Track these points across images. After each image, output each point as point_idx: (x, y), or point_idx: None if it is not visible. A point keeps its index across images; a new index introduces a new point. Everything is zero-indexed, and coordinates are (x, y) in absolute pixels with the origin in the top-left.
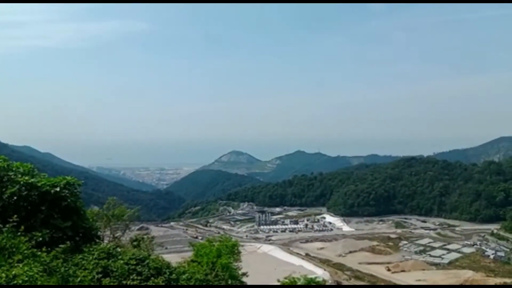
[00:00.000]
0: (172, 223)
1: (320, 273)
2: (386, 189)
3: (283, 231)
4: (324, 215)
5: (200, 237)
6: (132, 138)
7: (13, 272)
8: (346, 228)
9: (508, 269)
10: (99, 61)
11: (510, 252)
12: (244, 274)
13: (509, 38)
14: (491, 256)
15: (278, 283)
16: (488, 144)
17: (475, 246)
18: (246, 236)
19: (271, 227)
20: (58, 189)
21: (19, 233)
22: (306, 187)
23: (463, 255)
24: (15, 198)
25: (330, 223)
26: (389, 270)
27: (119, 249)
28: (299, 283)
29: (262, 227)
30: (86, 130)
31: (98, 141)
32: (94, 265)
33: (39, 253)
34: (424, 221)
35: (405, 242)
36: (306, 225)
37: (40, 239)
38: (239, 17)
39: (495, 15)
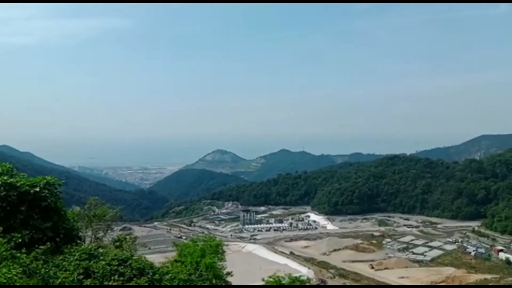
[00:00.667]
0: (155, 223)
1: (304, 272)
2: (370, 188)
3: (268, 230)
4: (309, 214)
5: (184, 237)
6: (114, 137)
7: None
8: (330, 227)
9: (488, 265)
10: (80, 58)
11: (491, 248)
12: (228, 273)
13: (491, 38)
14: (472, 253)
15: (263, 282)
16: (469, 142)
17: (456, 243)
18: (231, 235)
19: (256, 226)
20: (38, 189)
21: None
22: (291, 186)
23: (445, 252)
24: None
25: (314, 221)
26: (372, 267)
27: (101, 250)
28: (283, 282)
29: (246, 226)
30: (67, 129)
31: (79, 140)
32: (75, 266)
33: (19, 254)
34: (407, 219)
35: (388, 240)
36: (291, 223)
37: (20, 240)
38: (222, 17)
39: (476, 15)
